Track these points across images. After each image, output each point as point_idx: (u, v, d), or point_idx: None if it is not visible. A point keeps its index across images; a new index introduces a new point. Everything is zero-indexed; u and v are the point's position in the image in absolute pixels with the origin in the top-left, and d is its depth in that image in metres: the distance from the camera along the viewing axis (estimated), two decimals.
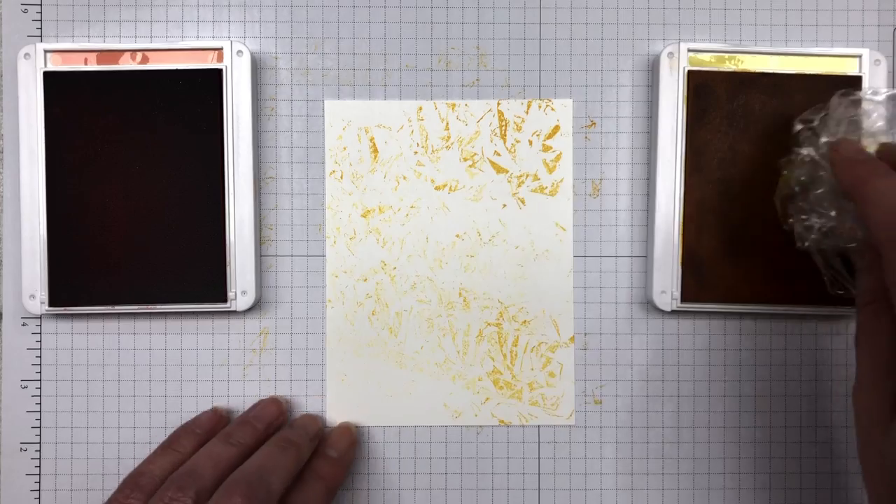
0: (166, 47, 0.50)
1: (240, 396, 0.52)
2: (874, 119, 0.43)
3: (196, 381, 0.52)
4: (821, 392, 0.52)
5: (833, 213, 0.43)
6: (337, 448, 0.50)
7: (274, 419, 0.50)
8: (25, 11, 0.51)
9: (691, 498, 0.52)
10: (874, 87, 0.45)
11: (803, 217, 0.45)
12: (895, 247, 0.34)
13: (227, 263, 0.49)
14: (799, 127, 0.46)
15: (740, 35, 0.52)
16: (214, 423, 0.50)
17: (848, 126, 0.44)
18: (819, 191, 0.44)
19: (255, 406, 0.51)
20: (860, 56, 0.50)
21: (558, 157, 0.51)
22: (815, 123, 0.45)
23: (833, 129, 0.44)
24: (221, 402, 0.52)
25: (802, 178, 0.45)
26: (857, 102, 0.44)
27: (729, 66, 0.50)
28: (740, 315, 0.52)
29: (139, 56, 0.50)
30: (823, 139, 0.44)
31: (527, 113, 0.51)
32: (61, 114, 0.49)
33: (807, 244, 0.45)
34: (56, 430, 0.52)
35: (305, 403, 0.52)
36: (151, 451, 0.48)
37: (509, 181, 0.51)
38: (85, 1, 0.51)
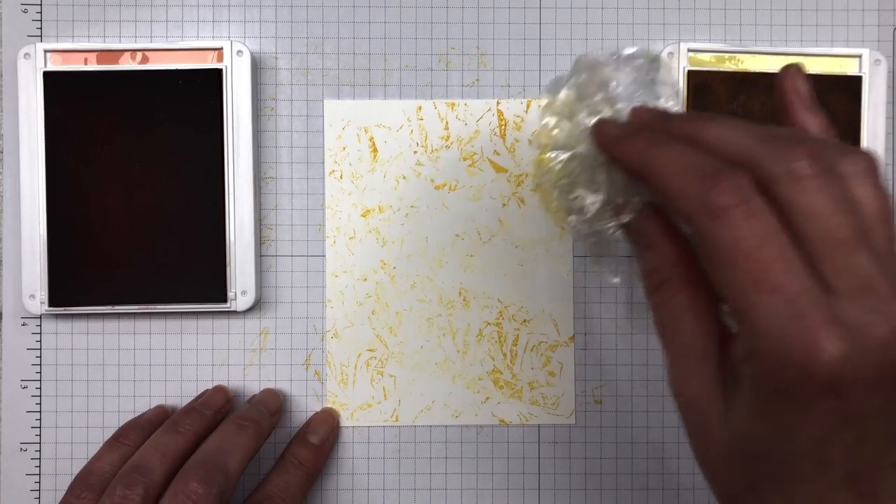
0: (166, 47, 0.50)
1: (240, 396, 0.52)
2: (613, 87, 0.38)
3: (196, 382, 0.52)
4: None
5: (601, 194, 0.38)
6: (318, 434, 0.50)
7: (221, 406, 0.49)
8: (25, 11, 0.51)
9: (691, 498, 0.52)
10: (615, 50, 0.39)
11: (571, 198, 0.38)
12: (703, 223, 0.30)
13: (227, 263, 0.49)
14: (541, 109, 0.41)
15: (740, 35, 0.52)
16: (162, 419, 0.49)
17: (595, 95, 0.38)
18: (579, 171, 0.38)
19: (200, 395, 0.50)
20: (860, 56, 0.50)
21: None
22: (560, 97, 0.39)
23: (579, 104, 0.38)
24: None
25: (557, 166, 0.39)
26: (597, 67, 0.38)
27: (729, 66, 0.50)
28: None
29: (139, 56, 0.50)
30: (579, 116, 0.38)
31: (526, 112, 0.51)
32: (61, 114, 0.49)
33: (585, 228, 0.39)
34: (56, 430, 0.52)
35: (305, 403, 0.52)
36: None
37: (509, 181, 0.51)
38: (85, 1, 0.51)
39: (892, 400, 0.29)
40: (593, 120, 0.37)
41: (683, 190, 0.30)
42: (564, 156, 0.38)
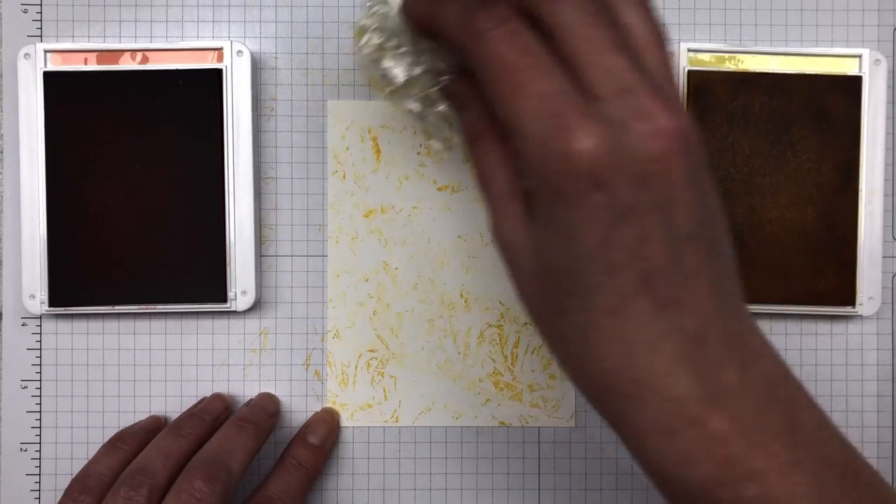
0: (166, 47, 0.50)
1: (240, 396, 0.52)
2: None
3: (196, 382, 0.52)
4: (820, 392, 0.52)
5: (406, 63, 0.39)
6: (317, 434, 0.50)
7: (221, 413, 0.49)
8: (25, 11, 0.51)
9: None
10: None
11: (387, 66, 0.39)
12: (473, 49, 0.32)
13: (227, 263, 0.49)
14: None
15: (740, 35, 0.52)
16: (155, 427, 0.49)
17: None
18: (395, 39, 0.39)
19: (199, 402, 0.51)
20: (860, 56, 0.50)
21: None
22: None
23: None
24: None
25: (375, 28, 0.40)
26: None
27: (729, 66, 0.50)
28: None
29: (139, 56, 0.50)
30: None
31: None
32: (61, 114, 0.49)
33: (402, 99, 0.41)
34: (56, 430, 0.51)
35: (305, 404, 0.52)
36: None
37: None
38: (85, 1, 0.51)
39: (661, 197, 0.30)
40: None
41: (455, 28, 0.33)
42: (372, 25, 0.40)
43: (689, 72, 0.49)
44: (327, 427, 0.51)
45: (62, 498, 0.43)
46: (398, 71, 0.39)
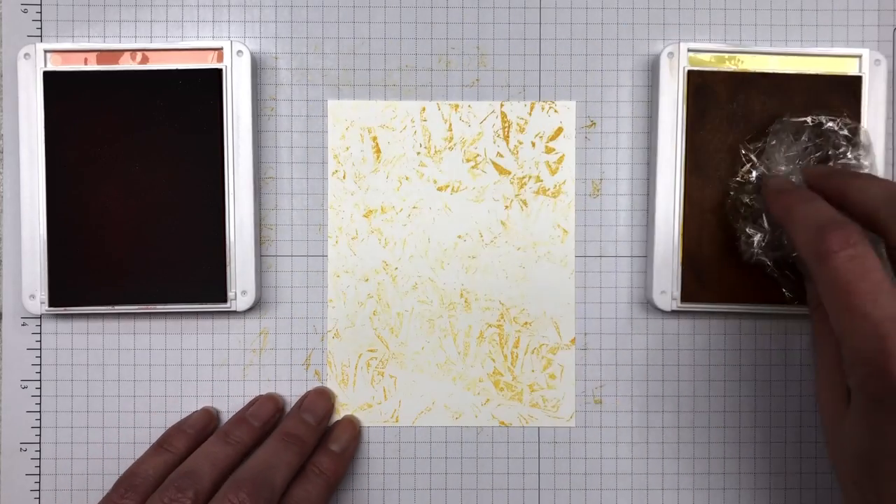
0: (166, 47, 0.50)
1: (240, 396, 0.52)
2: (810, 149, 0.48)
3: (196, 381, 0.52)
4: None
5: (769, 228, 0.47)
6: (339, 442, 0.50)
7: (271, 416, 0.50)
8: (25, 11, 0.51)
9: (691, 498, 0.52)
10: (818, 115, 0.48)
11: (749, 232, 0.48)
12: (816, 264, 0.38)
13: (227, 263, 0.49)
14: (743, 151, 0.49)
15: (740, 35, 0.52)
16: (206, 423, 0.50)
17: (786, 154, 0.48)
18: (759, 209, 0.48)
19: (251, 403, 0.51)
20: (860, 56, 0.50)
21: (561, 160, 0.52)
22: (760, 148, 0.49)
23: (772, 157, 0.48)
24: (221, 402, 0.52)
25: (746, 200, 0.48)
26: (799, 130, 0.48)
27: (729, 66, 0.50)
28: (740, 315, 0.52)
29: (139, 56, 0.50)
30: (760, 170, 0.49)
31: (530, 114, 0.51)
32: (61, 114, 0.49)
33: (753, 258, 0.48)
34: (56, 430, 0.51)
35: None
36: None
37: (512, 183, 0.51)
38: (85, 1, 0.51)
39: None
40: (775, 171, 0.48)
41: (805, 239, 0.39)
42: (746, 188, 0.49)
43: (689, 72, 0.49)
44: (349, 435, 0.51)
45: (109, 493, 0.45)
46: (754, 238, 0.48)
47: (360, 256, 0.51)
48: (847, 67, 0.50)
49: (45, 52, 0.49)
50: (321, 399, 0.51)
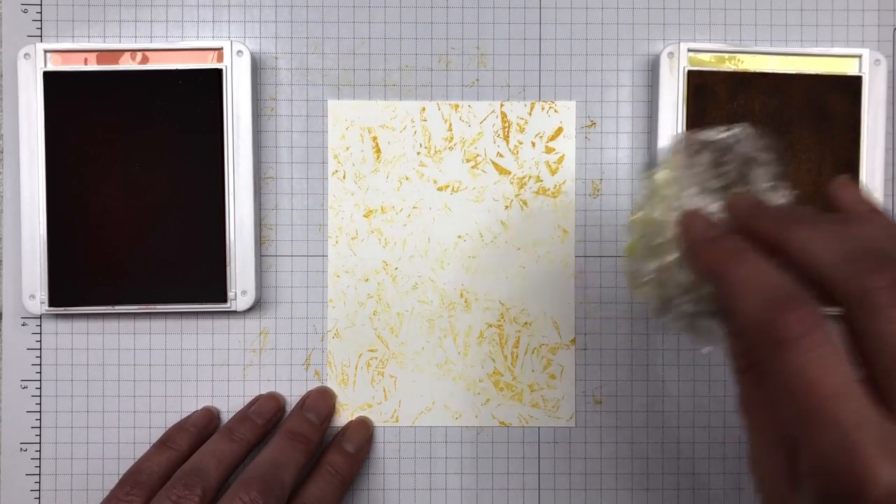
0: (166, 47, 0.50)
1: (240, 396, 0.52)
2: (724, 170, 0.38)
3: (196, 381, 0.52)
4: None
5: (693, 284, 0.37)
6: (353, 442, 0.50)
7: (273, 415, 0.50)
8: (25, 11, 0.51)
9: (691, 498, 0.52)
10: (714, 128, 0.38)
11: (662, 287, 0.38)
12: (765, 350, 0.30)
13: (227, 263, 0.49)
14: (646, 176, 0.40)
15: (740, 35, 0.52)
16: (207, 421, 0.50)
17: (691, 179, 0.38)
18: (672, 259, 0.37)
19: (253, 401, 0.51)
20: (860, 56, 0.50)
21: (561, 160, 0.52)
22: (658, 174, 0.39)
23: (673, 187, 0.38)
24: (222, 402, 0.52)
25: (653, 244, 0.38)
26: (701, 146, 0.38)
27: (729, 66, 0.50)
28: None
29: (139, 56, 0.50)
30: (674, 203, 0.38)
31: (530, 114, 0.51)
32: (61, 114, 0.49)
33: (667, 316, 0.38)
34: (56, 430, 0.51)
35: None
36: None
37: (512, 183, 0.51)
38: (85, 1, 0.51)
39: None
40: (683, 207, 0.37)
41: (748, 315, 0.31)
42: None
43: (689, 72, 0.49)
44: (364, 435, 0.51)
45: (114, 490, 0.45)
46: (665, 296, 0.38)
47: (360, 256, 0.52)
48: (847, 67, 0.50)
49: (45, 52, 0.49)
50: (323, 398, 0.51)
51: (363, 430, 0.51)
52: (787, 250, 0.32)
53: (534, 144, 0.51)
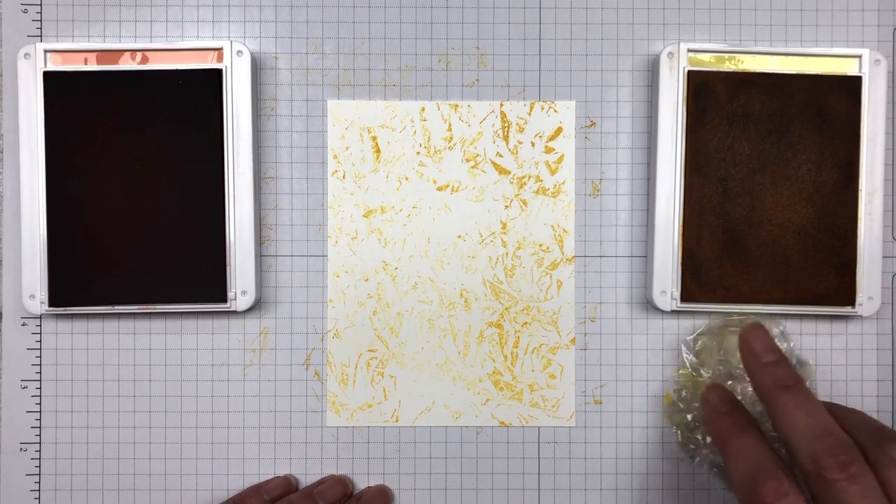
0: (166, 47, 0.50)
1: (240, 396, 0.52)
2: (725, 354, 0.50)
3: (196, 381, 0.52)
4: (821, 392, 0.52)
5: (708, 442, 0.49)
6: None
7: (336, 500, 0.50)
8: (25, 11, 0.51)
9: (691, 498, 0.52)
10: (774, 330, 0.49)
11: (693, 437, 0.50)
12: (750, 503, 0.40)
13: (227, 263, 0.49)
14: (684, 349, 0.52)
15: (740, 35, 0.52)
16: (283, 491, 0.51)
17: (721, 358, 0.50)
18: (690, 424, 0.50)
19: (320, 482, 0.51)
20: (860, 56, 0.50)
21: (560, 159, 0.52)
22: (696, 349, 0.51)
23: (707, 358, 0.50)
24: (221, 402, 0.52)
25: (690, 396, 0.50)
26: (721, 333, 0.50)
27: (729, 66, 0.50)
28: (739, 315, 0.52)
29: (139, 56, 0.50)
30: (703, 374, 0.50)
31: (529, 114, 0.51)
32: (61, 114, 0.49)
33: (696, 459, 0.50)
34: (56, 430, 0.51)
35: (305, 404, 0.52)
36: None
37: (511, 182, 0.51)
38: (85, 1, 0.51)
39: None
40: (713, 378, 0.50)
41: (737, 481, 0.41)
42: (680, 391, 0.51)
43: (689, 72, 0.49)
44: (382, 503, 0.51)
45: None
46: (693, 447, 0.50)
47: (359, 256, 0.52)
48: (847, 67, 0.50)
49: (45, 52, 0.49)
50: (338, 485, 0.51)
51: (381, 499, 0.51)
52: (771, 415, 0.42)
53: (533, 144, 0.51)
